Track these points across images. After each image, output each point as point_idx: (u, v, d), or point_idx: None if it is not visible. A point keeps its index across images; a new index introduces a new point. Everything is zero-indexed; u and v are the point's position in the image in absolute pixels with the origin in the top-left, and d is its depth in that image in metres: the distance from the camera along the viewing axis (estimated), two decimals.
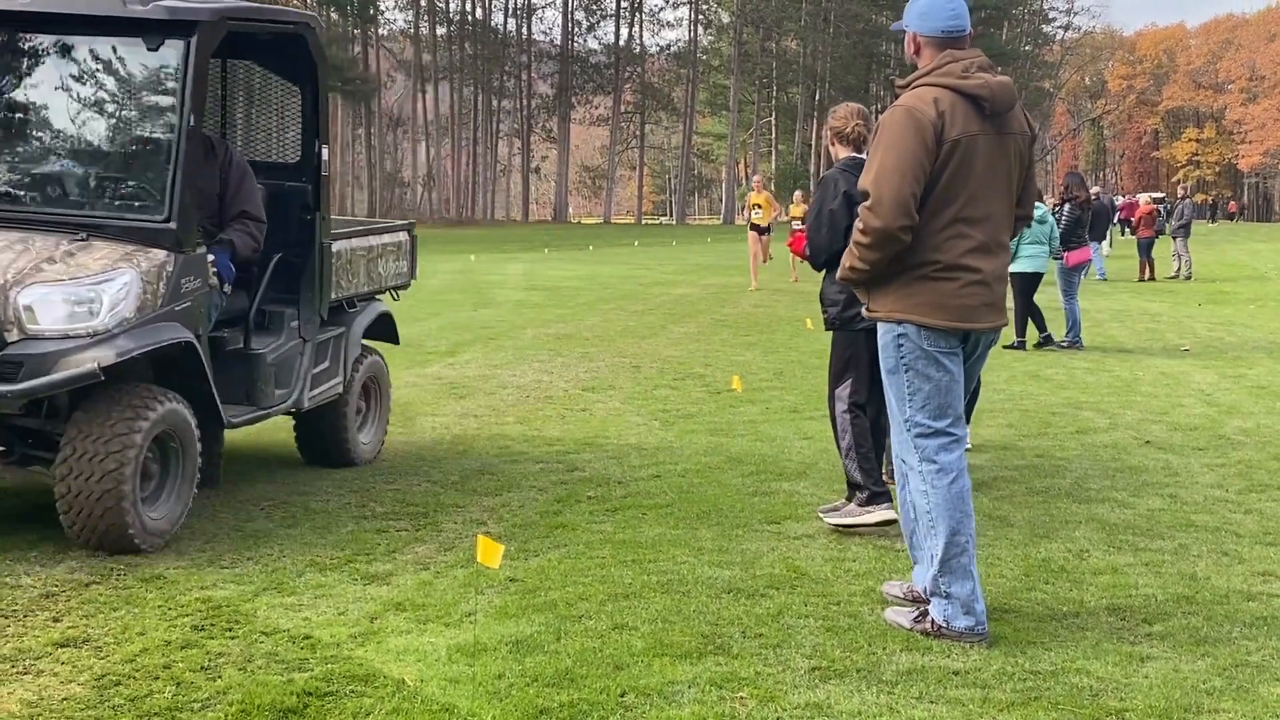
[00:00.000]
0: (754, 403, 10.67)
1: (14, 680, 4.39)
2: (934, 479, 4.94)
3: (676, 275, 29.25)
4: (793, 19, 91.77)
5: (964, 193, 4.84)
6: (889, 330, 4.97)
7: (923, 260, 4.86)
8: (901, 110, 4.84)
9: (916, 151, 4.75)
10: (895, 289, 4.92)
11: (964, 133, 4.80)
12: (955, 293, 4.85)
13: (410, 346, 14.18)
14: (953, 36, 4.96)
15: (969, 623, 4.89)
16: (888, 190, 4.75)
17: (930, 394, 4.93)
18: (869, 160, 4.91)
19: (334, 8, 75.03)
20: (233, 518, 6.64)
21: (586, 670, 4.51)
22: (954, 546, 4.91)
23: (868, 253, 4.86)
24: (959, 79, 4.84)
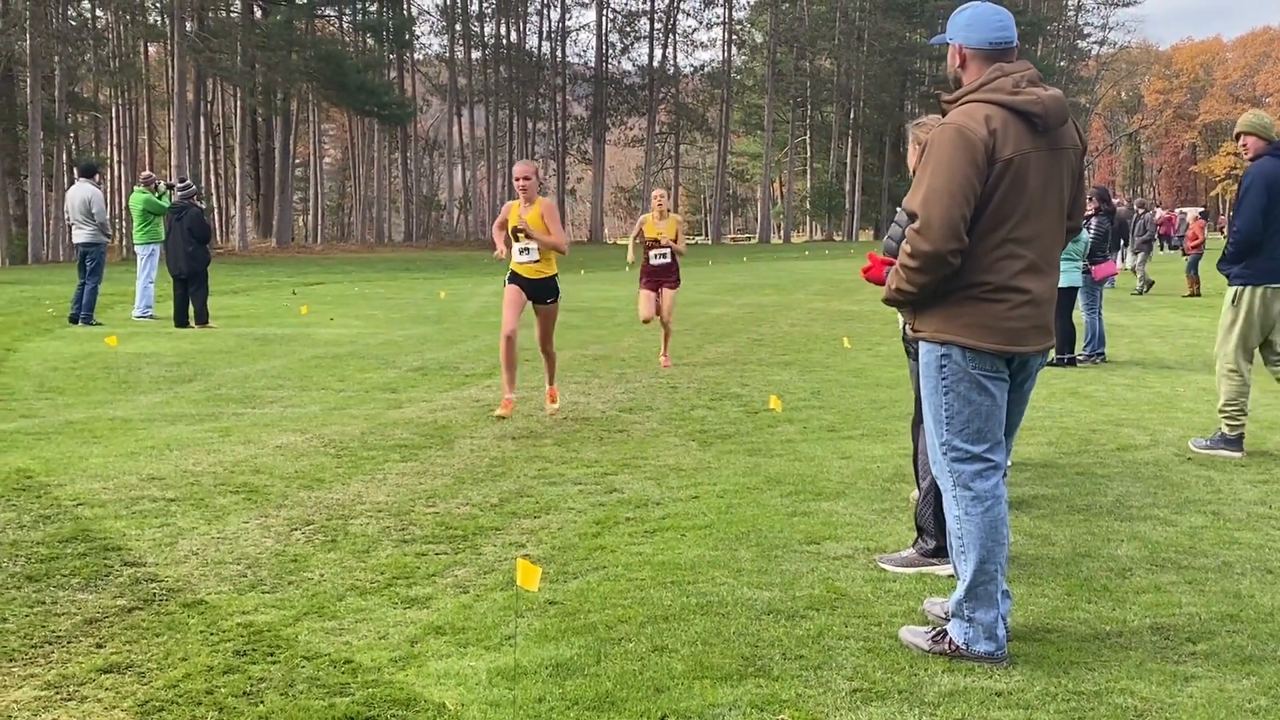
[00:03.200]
0: (792, 422, 10.64)
1: (58, 707, 4.42)
2: (968, 505, 4.87)
3: (712, 295, 29.23)
4: (826, 38, 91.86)
5: (1016, 212, 4.70)
6: (932, 350, 4.87)
7: (972, 281, 4.74)
8: (951, 129, 4.67)
9: (967, 172, 4.61)
10: (942, 309, 4.81)
11: (1016, 151, 4.65)
12: (1004, 315, 4.74)
13: (448, 369, 14.26)
14: (1000, 48, 4.82)
15: (990, 648, 4.85)
16: (937, 213, 4.61)
17: (970, 418, 4.84)
18: (917, 180, 4.78)
19: (370, 33, 75.60)
20: (273, 542, 6.67)
21: (627, 693, 4.50)
22: (982, 574, 4.86)
23: (915, 276, 4.74)
24: (1010, 94, 4.69)
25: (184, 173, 53.49)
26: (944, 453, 4.92)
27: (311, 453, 9.16)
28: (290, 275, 38.43)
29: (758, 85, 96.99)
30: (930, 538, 6.29)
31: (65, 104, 59.51)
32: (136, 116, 71.52)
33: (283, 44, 63.27)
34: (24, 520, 7.08)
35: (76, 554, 6.38)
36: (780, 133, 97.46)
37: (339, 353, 16.01)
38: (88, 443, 9.48)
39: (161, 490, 7.86)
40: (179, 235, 19.65)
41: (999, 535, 4.87)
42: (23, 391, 12.36)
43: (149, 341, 17.32)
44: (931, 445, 5.00)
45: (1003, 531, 4.88)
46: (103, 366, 14.31)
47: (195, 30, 61.38)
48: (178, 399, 11.93)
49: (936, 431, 4.94)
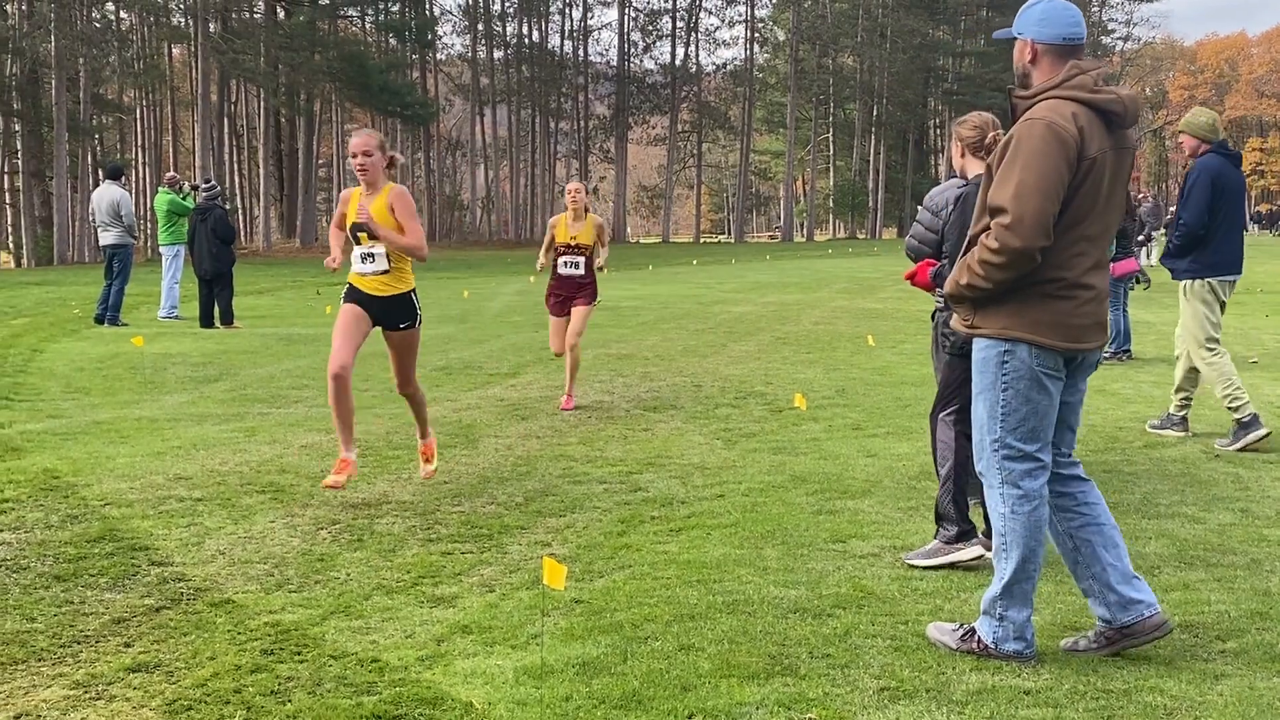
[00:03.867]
0: (816, 420, 10.62)
1: (87, 706, 4.44)
2: (1015, 504, 4.82)
3: (736, 293, 29.20)
4: (849, 35, 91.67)
5: (1092, 210, 4.67)
6: (994, 346, 4.79)
7: (1047, 278, 4.67)
8: (1043, 125, 4.60)
9: (1060, 169, 4.55)
10: (1010, 306, 4.73)
11: (1099, 149, 4.62)
12: (1072, 312, 4.69)
13: (472, 368, 14.28)
14: (1072, 45, 4.77)
15: (1019, 647, 4.83)
16: (1030, 209, 4.53)
17: (1026, 416, 4.78)
18: (1003, 175, 4.66)
19: (393, 34, 75.74)
20: (300, 541, 6.69)
21: (654, 692, 4.49)
22: (1022, 573, 4.83)
23: (997, 272, 4.64)
24: (1091, 93, 4.64)
25: (208, 174, 53.68)
26: (995, 449, 4.86)
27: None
28: (314, 275, 38.52)
29: (780, 83, 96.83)
30: (951, 524, 6.32)
31: (90, 106, 59.78)
32: (161, 118, 71.84)
33: (306, 45, 63.40)
34: (52, 520, 7.11)
35: (104, 554, 6.41)
36: (803, 130, 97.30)
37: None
38: (114, 443, 9.53)
39: (188, 490, 7.89)
40: (204, 236, 19.72)
41: (1041, 535, 4.84)
42: (50, 392, 12.42)
43: (175, 342, 17.39)
44: (980, 441, 4.94)
45: (1044, 530, 4.85)
46: (129, 367, 14.37)
47: (219, 31, 61.58)
48: (204, 399, 11.97)
49: (989, 428, 4.87)
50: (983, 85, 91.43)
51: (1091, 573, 4.92)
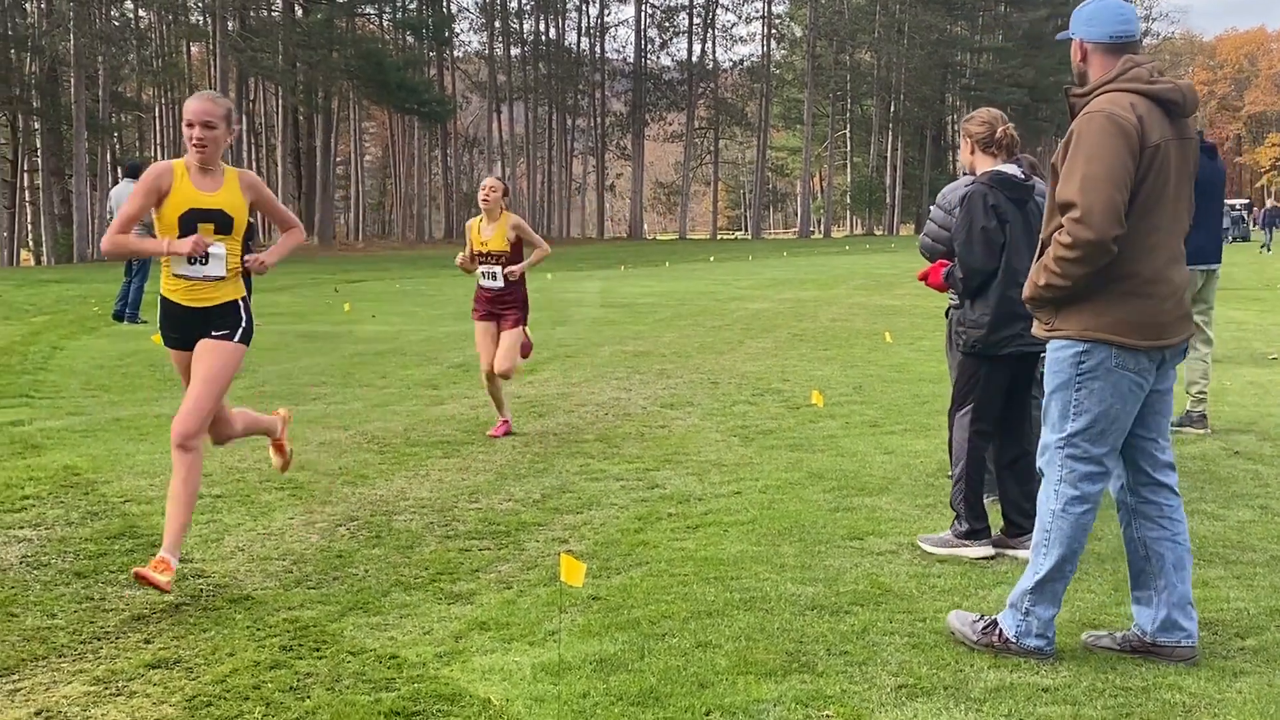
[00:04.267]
0: (834, 417, 10.61)
1: (107, 701, 4.46)
2: (1067, 503, 4.79)
3: (753, 290, 29.18)
4: (866, 31, 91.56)
5: (1161, 201, 4.64)
6: (1071, 347, 4.73)
7: (1122, 274, 4.63)
8: (1102, 116, 4.58)
9: (1124, 158, 4.53)
10: (1091, 307, 4.68)
11: (1161, 138, 4.60)
12: (1155, 310, 4.65)
13: None
14: (1121, 42, 4.75)
15: (1040, 644, 4.82)
16: (1098, 199, 4.50)
17: (1097, 419, 4.73)
18: (1067, 170, 4.63)
19: (410, 31, 75.86)
20: (318, 538, 6.71)
21: (671, 689, 4.50)
22: (1058, 573, 4.80)
23: (1073, 268, 4.60)
24: (1148, 84, 4.64)
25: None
26: (1060, 446, 4.81)
27: (355, 449, 9.21)
28: (332, 273, 38.63)
29: (797, 79, 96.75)
30: (963, 521, 6.37)
31: (109, 104, 60.05)
32: (179, 116, 71.97)
33: (323, 43, 63.56)
34: (72, 517, 7.15)
35: (124, 550, 6.44)
36: (820, 127, 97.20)
37: (381, 349, 16.09)
38: (134, 440, 9.57)
39: (207, 487, 7.92)
40: None
41: (1084, 539, 4.82)
42: (70, 389, 12.47)
43: None
44: (1045, 438, 4.89)
45: (1086, 536, 4.84)
46: (148, 364, 14.43)
47: (237, 30, 61.76)
48: None
49: (1058, 426, 4.82)
50: (1000, 81, 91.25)
51: (1154, 586, 4.90)
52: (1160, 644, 4.85)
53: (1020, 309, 6.21)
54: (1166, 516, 4.92)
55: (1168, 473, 4.95)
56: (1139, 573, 4.96)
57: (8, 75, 55.63)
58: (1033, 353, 6.40)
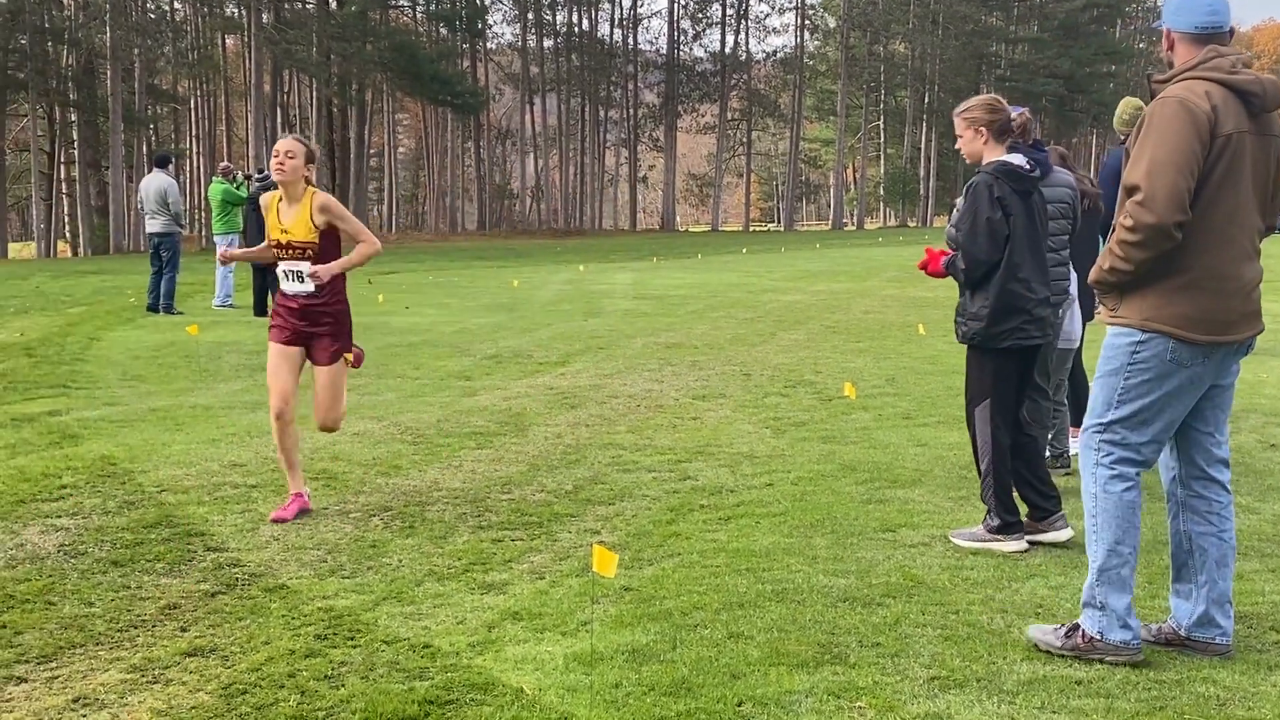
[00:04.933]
0: (866, 409, 10.60)
1: (144, 689, 4.51)
2: (1106, 484, 4.76)
3: (785, 282, 29.13)
4: (900, 22, 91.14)
5: (1232, 193, 4.59)
6: (1127, 335, 4.71)
7: (1188, 265, 4.60)
8: (1174, 101, 4.57)
9: (1192, 144, 4.50)
10: (1154, 296, 4.65)
11: (1236, 129, 4.56)
12: (1219, 304, 4.60)
13: (522, 357, 14.33)
14: (1207, 33, 4.70)
15: (1126, 636, 4.72)
16: (1161, 184, 4.48)
17: (1142, 409, 4.70)
18: (1136, 153, 4.61)
19: (443, 23, 75.98)
20: (352, 528, 6.75)
21: (703, 679, 4.51)
22: (1115, 556, 4.74)
23: (1135, 251, 4.57)
24: (1228, 74, 4.60)
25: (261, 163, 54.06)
26: (1098, 430, 4.79)
27: (389, 440, 9.25)
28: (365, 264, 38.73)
29: (831, 70, 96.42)
30: (995, 515, 6.35)
31: (145, 96, 60.41)
32: (214, 108, 72.41)
33: (357, 35, 63.71)
34: (109, 506, 7.21)
35: (160, 539, 6.50)
36: (853, 118, 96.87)
37: (414, 341, 16.14)
38: (170, 430, 9.64)
39: (243, 476, 7.98)
40: (257, 225, 19.85)
41: (1133, 517, 4.75)
42: (106, 379, 12.57)
43: (229, 330, 17.56)
44: (1087, 422, 4.86)
45: (1137, 514, 4.77)
46: (184, 355, 14.53)
47: (272, 22, 61.99)
48: (257, 386, 12.07)
49: (1101, 411, 4.79)
50: (1036, 71, 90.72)
51: (1195, 581, 4.87)
52: (1195, 639, 4.83)
53: (1019, 302, 6.20)
54: (1215, 513, 4.88)
55: (1221, 469, 4.91)
56: (1181, 566, 4.93)
57: (45, 68, 56.02)
58: (1032, 346, 6.38)
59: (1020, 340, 6.29)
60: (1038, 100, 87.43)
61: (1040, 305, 6.29)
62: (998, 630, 5.06)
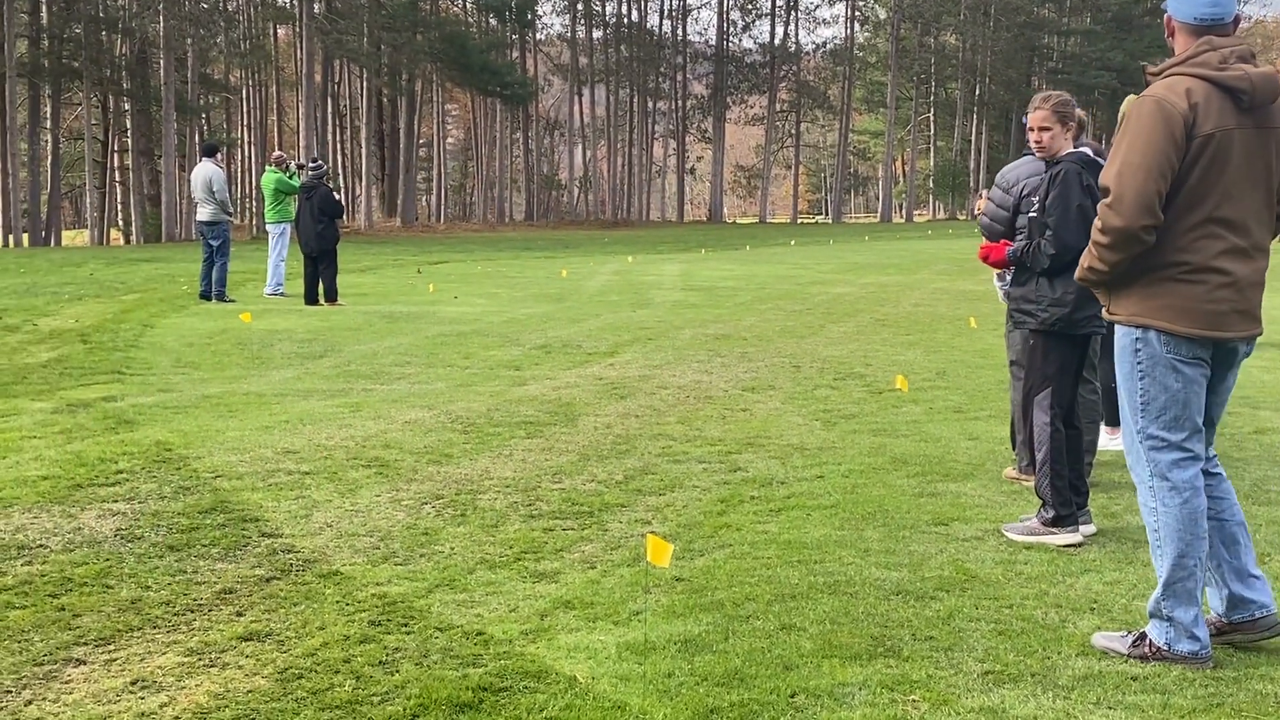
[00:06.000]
0: (917, 403, 10.55)
1: (201, 673, 4.55)
2: (1165, 497, 4.69)
3: (834, 274, 29.04)
4: (951, 13, 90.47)
5: (1216, 191, 4.53)
6: (1128, 334, 4.70)
7: (1170, 261, 4.57)
8: (1150, 101, 4.53)
9: (1164, 146, 4.46)
10: (1138, 291, 4.64)
11: (1218, 127, 4.49)
12: (1203, 297, 4.55)
13: (571, 347, 14.36)
14: (1206, 24, 4.63)
15: (1193, 647, 4.64)
16: (1130, 187, 4.47)
17: (1167, 404, 4.66)
18: (1112, 154, 4.60)
19: (493, 14, 76.16)
20: (404, 516, 6.78)
21: (756, 670, 4.51)
22: (1180, 569, 4.65)
23: (1107, 253, 4.59)
24: (1215, 70, 4.53)
25: (313, 153, 54.42)
26: (1140, 441, 4.74)
27: (439, 429, 9.29)
28: (415, 254, 38.93)
29: (881, 62, 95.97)
30: (1050, 508, 6.32)
31: (198, 85, 60.87)
32: (266, 98, 72.85)
33: (408, 25, 63.97)
34: (164, 491, 7.28)
35: (215, 524, 6.55)
36: (903, 110, 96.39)
37: (464, 330, 16.20)
38: (224, 416, 9.72)
39: (296, 463, 8.03)
40: (309, 213, 19.99)
41: (1197, 528, 4.66)
42: (160, 366, 12.69)
43: (281, 318, 17.68)
44: (1127, 433, 4.82)
45: (1201, 524, 4.68)
46: (236, 342, 14.65)
47: (323, 12, 62.37)
48: (309, 374, 12.17)
49: (1133, 419, 4.76)
50: (1088, 64, 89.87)
51: (1212, 567, 4.81)
52: (1237, 622, 4.78)
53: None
54: (1212, 498, 4.82)
55: (1213, 462, 4.88)
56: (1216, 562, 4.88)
57: (99, 57, 56.59)
58: (1100, 334, 6.37)
59: (1097, 328, 6.29)
60: (1090, 93, 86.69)
61: None
62: (1052, 625, 5.03)
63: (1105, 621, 5.09)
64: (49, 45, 55.87)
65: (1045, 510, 6.34)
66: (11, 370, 12.27)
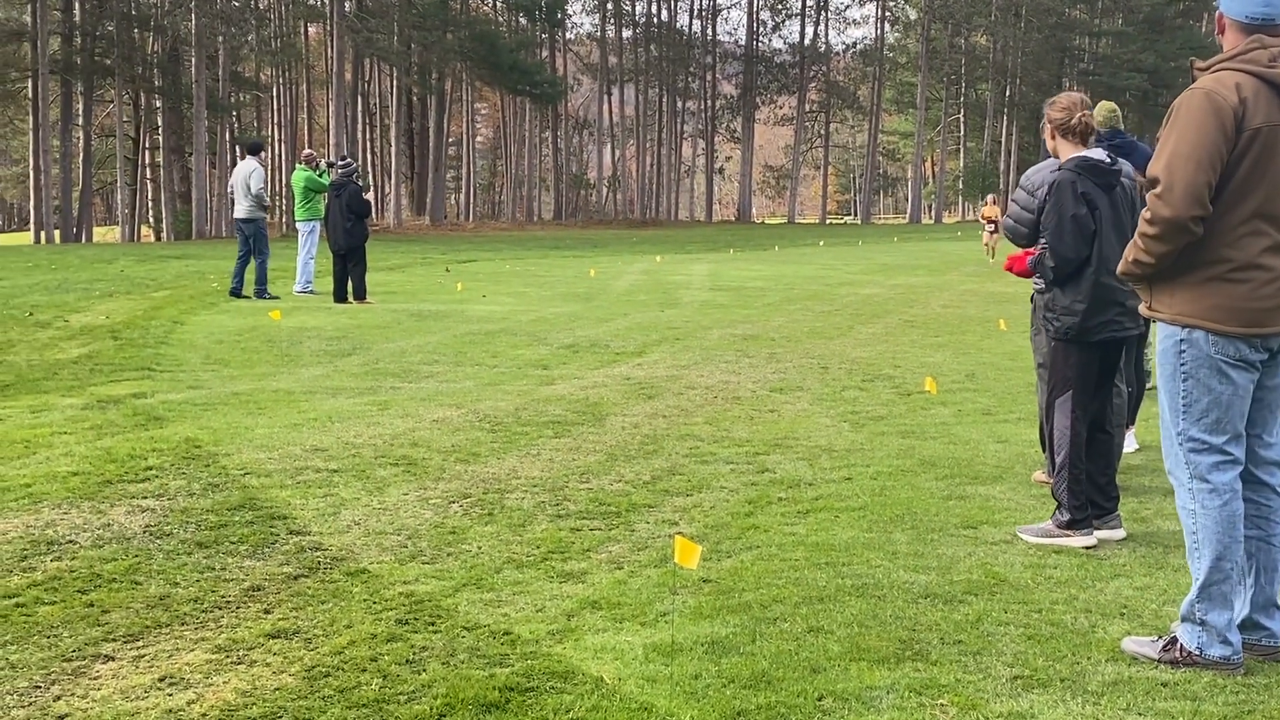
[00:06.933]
0: (945, 405, 10.51)
1: (229, 670, 4.56)
2: (1204, 499, 4.63)
3: (862, 275, 28.96)
4: (982, 14, 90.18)
5: (1263, 186, 4.49)
6: (1172, 334, 4.65)
7: (1215, 259, 4.53)
8: (1200, 93, 4.50)
9: (1214, 137, 4.43)
10: (1184, 290, 4.60)
11: (1266, 122, 4.46)
12: (1250, 295, 4.50)
13: (598, 347, 14.36)
14: (1258, 23, 4.59)
15: (1225, 652, 4.61)
16: (1180, 177, 4.44)
17: (1209, 407, 4.61)
18: (1160, 145, 4.57)
19: (523, 13, 76.28)
20: (432, 514, 6.79)
21: (783, 673, 4.49)
22: (1218, 572, 4.60)
23: (1155, 244, 4.55)
24: (1265, 67, 4.50)
25: (342, 151, 54.61)
26: (1180, 443, 4.69)
27: (467, 427, 9.30)
28: (443, 252, 39.01)
29: (911, 62, 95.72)
30: (1065, 511, 6.31)
31: (228, 83, 61.16)
32: (296, 96, 73.10)
33: (438, 24, 64.15)
34: (193, 488, 7.30)
35: (244, 522, 6.57)
36: (933, 111, 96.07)
37: (491, 329, 16.22)
38: (252, 413, 9.75)
39: (324, 461, 8.05)
40: (338, 211, 20.05)
41: (1236, 531, 4.62)
42: (190, 363, 12.74)
43: (309, 316, 17.74)
44: (1167, 435, 4.78)
45: (1239, 527, 4.63)
46: (265, 340, 14.70)
47: (353, 11, 62.57)
48: (338, 372, 12.20)
49: (1173, 421, 4.71)
50: (1120, 66, 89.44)
51: (1244, 584, 4.76)
52: (1247, 642, 4.73)
53: (1113, 295, 6.16)
54: (1263, 516, 4.76)
55: (1272, 471, 4.79)
56: None
57: (131, 54, 56.90)
58: (1123, 337, 6.33)
59: (1115, 332, 6.25)
60: (1121, 95, 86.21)
61: (1133, 296, 6.21)
62: (1082, 630, 4.99)
63: (1135, 627, 5.05)
64: (81, 42, 56.25)
65: (1061, 513, 6.33)
66: (42, 366, 12.34)
